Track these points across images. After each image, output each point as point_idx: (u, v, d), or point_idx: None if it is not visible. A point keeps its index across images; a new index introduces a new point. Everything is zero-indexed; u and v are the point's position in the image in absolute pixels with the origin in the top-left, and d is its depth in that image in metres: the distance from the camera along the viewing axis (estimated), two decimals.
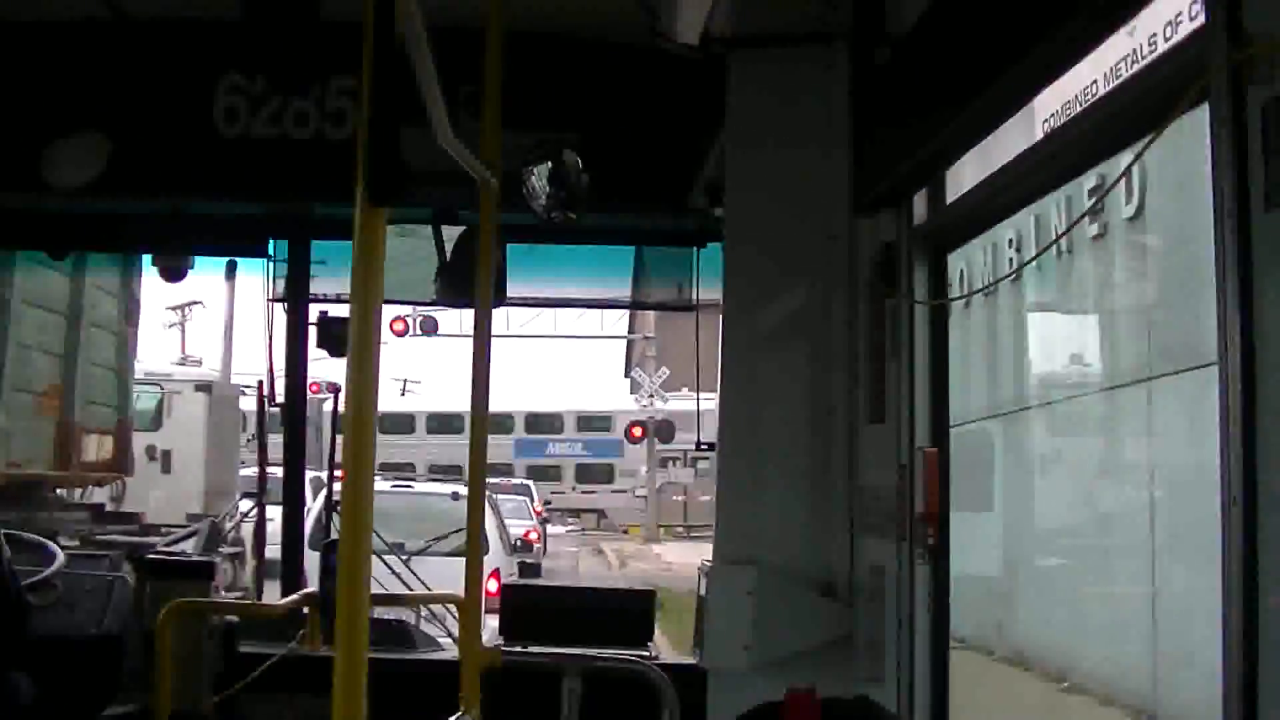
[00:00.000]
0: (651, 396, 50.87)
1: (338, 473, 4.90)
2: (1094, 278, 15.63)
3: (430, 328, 39.17)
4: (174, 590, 4.90)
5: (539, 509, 39.90)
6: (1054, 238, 14.20)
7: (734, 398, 4.78)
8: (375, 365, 2.32)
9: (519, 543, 22.81)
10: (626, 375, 66.50)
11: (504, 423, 55.59)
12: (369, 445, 2.31)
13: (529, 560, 24.25)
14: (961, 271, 17.24)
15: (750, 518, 4.67)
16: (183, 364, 31.11)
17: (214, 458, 23.28)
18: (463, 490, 16.76)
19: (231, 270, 6.81)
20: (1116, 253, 15.03)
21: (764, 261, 4.78)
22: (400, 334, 38.41)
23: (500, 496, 28.83)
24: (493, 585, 14.05)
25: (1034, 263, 16.00)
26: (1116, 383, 14.65)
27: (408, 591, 6.18)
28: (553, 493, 54.79)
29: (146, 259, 5.85)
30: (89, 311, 16.95)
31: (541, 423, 57.83)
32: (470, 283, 3.91)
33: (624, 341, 63.06)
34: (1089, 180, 3.86)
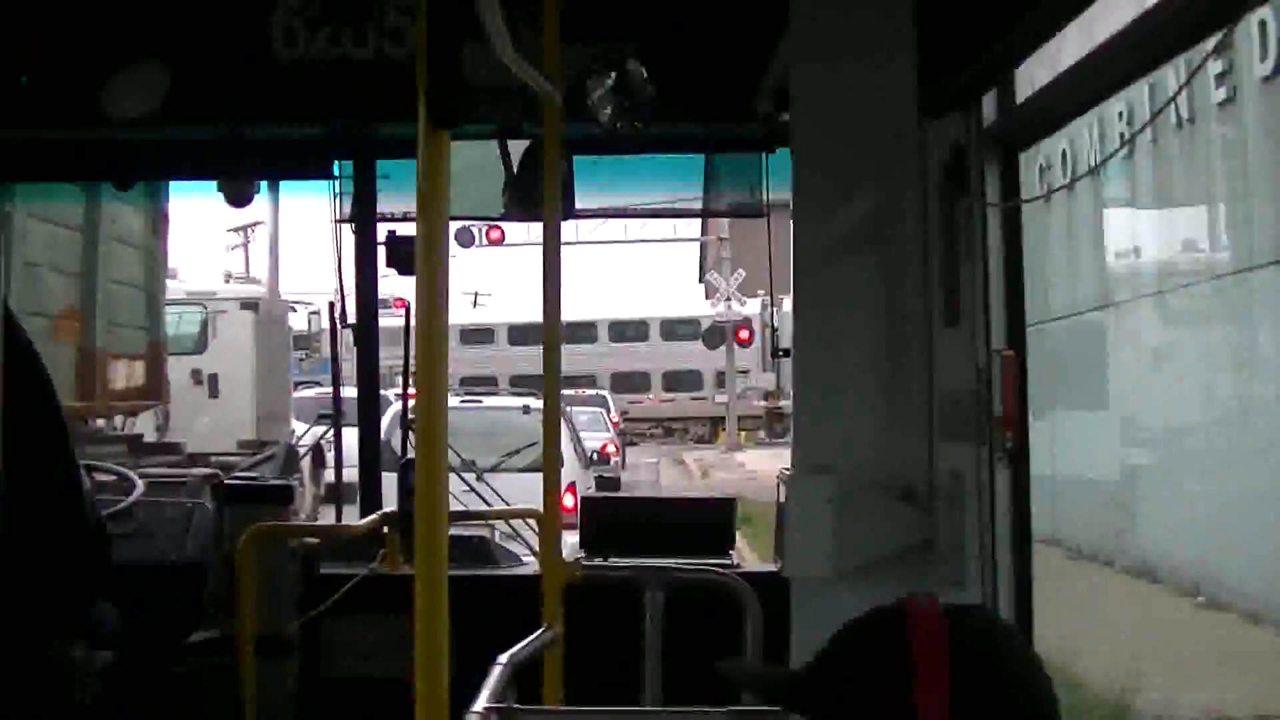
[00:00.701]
0: (728, 300, 51.43)
1: (407, 391, 5.18)
2: (1222, 147, 15.65)
3: (497, 238, 40.72)
4: (253, 515, 5.25)
5: (615, 419, 40.46)
6: (1164, 105, 14.15)
7: (807, 304, 4.91)
8: (444, 284, 2.37)
9: (595, 456, 23.03)
10: (701, 280, 66.53)
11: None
12: (441, 362, 2.38)
13: (607, 474, 24.01)
14: (1064, 151, 17.44)
15: (827, 425, 4.80)
16: (228, 281, 30.61)
17: (264, 380, 23.49)
18: (535, 403, 16.88)
19: (275, 185, 7.32)
20: (1250, 117, 15.00)
21: (832, 166, 4.89)
22: (466, 245, 39.41)
23: (575, 409, 28.90)
24: (569, 500, 14.50)
25: (1148, 134, 16.10)
26: (1252, 264, 14.71)
27: (486, 508, 6.58)
28: (630, 402, 55.64)
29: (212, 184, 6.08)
30: (108, 225, 16.90)
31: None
32: (538, 196, 4.14)
33: (697, 245, 63.58)
34: (1209, 41, 3.89)
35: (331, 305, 6.13)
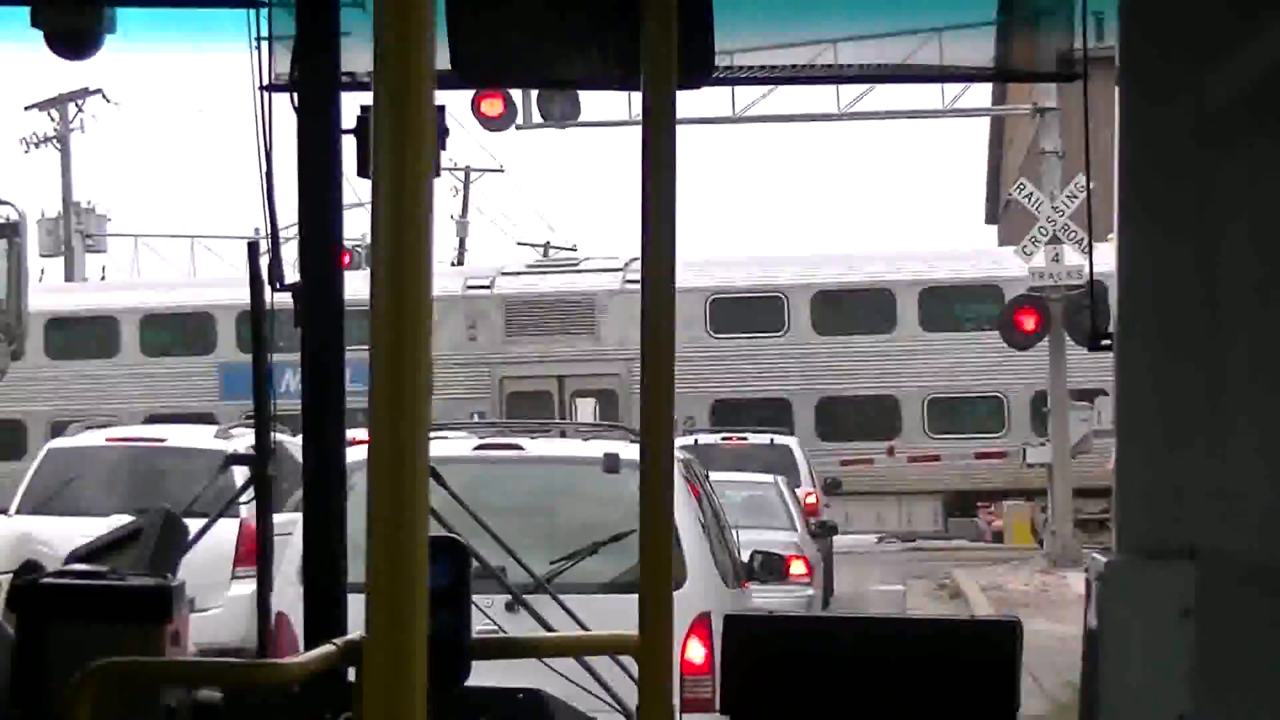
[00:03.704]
0: (1054, 240, 29.92)
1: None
2: None
3: (561, 112, 27.31)
4: (95, 641, 3.87)
5: (812, 498, 26.34)
6: None
7: (1144, 249, 3.77)
8: (426, 207, 1.92)
9: (760, 566, 14.07)
10: (991, 217, 43.97)
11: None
12: (421, 365, 1.92)
13: (785, 603, 16.43)
14: None
15: (1182, 474, 3.70)
16: None
17: None
18: (629, 451, 11.22)
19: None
20: None
21: None
22: (495, 118, 26.23)
23: (723, 478, 17.90)
24: (696, 651, 9.85)
25: None
26: None
27: (538, 633, 5.47)
28: (844, 462, 35.14)
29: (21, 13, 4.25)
30: None
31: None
32: (636, 40, 3.28)
33: (985, 131, 41.27)
34: None
35: (253, 248, 4.53)
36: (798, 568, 19.50)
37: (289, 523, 8.14)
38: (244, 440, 17.20)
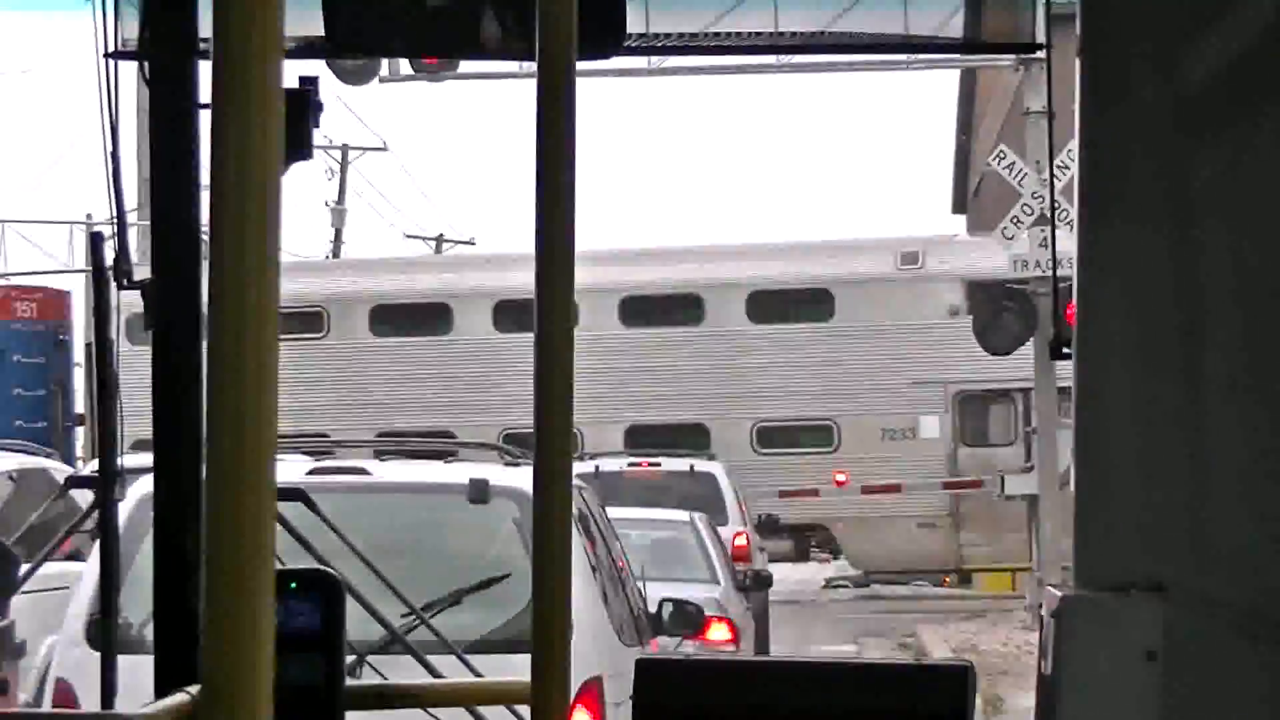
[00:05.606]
0: (1041, 220, 26.03)
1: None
2: None
3: (436, 59, 22.81)
4: None
5: (743, 539, 22.88)
6: None
7: (1109, 246, 3.53)
8: (275, 193, 1.81)
9: (670, 617, 11.95)
10: (959, 205, 40.23)
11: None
12: (267, 373, 1.81)
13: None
14: None
15: (1150, 500, 3.52)
16: None
17: None
18: (505, 477, 9.80)
19: None
20: None
21: None
22: (352, 71, 23.56)
23: (625, 516, 15.44)
24: None
25: None
26: None
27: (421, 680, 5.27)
28: (784, 495, 31.37)
29: None
30: None
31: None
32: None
33: (955, 93, 35.99)
34: None
35: (95, 238, 4.26)
36: (719, 632, 16.23)
37: (62, 574, 7.54)
38: None
